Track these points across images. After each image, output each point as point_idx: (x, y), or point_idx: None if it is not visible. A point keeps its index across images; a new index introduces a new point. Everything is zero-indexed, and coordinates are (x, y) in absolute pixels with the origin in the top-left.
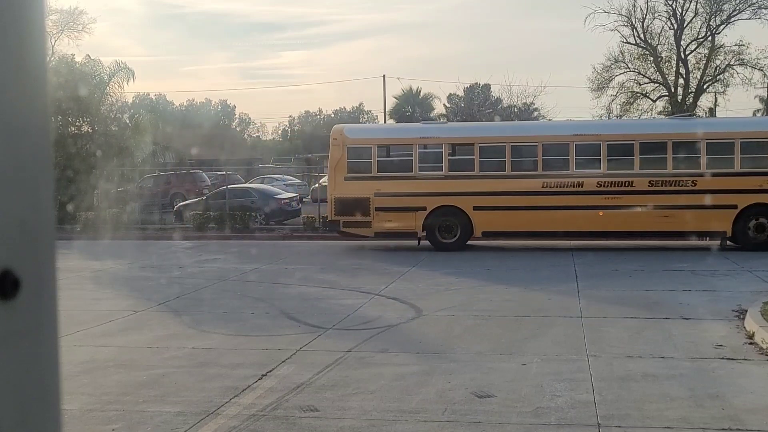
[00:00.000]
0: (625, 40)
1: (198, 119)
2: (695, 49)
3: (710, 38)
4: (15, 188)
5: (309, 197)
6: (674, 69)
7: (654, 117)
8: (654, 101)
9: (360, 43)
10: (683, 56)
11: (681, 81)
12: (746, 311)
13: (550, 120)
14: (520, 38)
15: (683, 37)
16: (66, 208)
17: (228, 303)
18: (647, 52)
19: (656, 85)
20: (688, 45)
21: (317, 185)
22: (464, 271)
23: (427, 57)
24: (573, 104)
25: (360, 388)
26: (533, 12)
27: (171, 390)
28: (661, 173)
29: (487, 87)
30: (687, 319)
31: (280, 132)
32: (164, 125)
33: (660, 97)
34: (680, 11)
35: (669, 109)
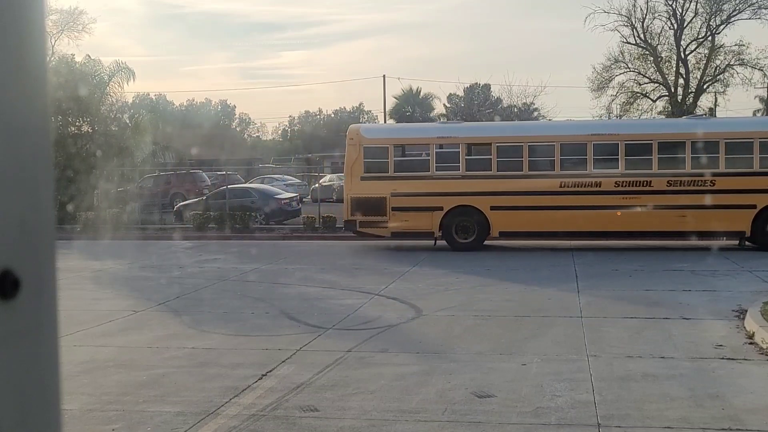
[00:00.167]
0: (625, 40)
1: (198, 119)
2: (695, 49)
3: (710, 38)
4: (15, 188)
5: (309, 197)
6: (674, 69)
7: (651, 117)
8: (654, 101)
9: (360, 43)
10: (683, 56)
11: (681, 81)
12: (746, 311)
13: (565, 119)
14: (520, 38)
15: (683, 37)
16: (66, 208)
17: (228, 303)
18: (647, 52)
19: (656, 85)
20: (688, 45)
21: (317, 185)
22: (464, 271)
23: (427, 57)
24: (573, 104)
25: (360, 388)
26: (533, 12)
27: (171, 390)
28: (680, 173)
29: (487, 87)
30: (687, 319)
31: (280, 132)
32: (164, 125)
33: (660, 97)
34: (680, 11)
35: (669, 109)
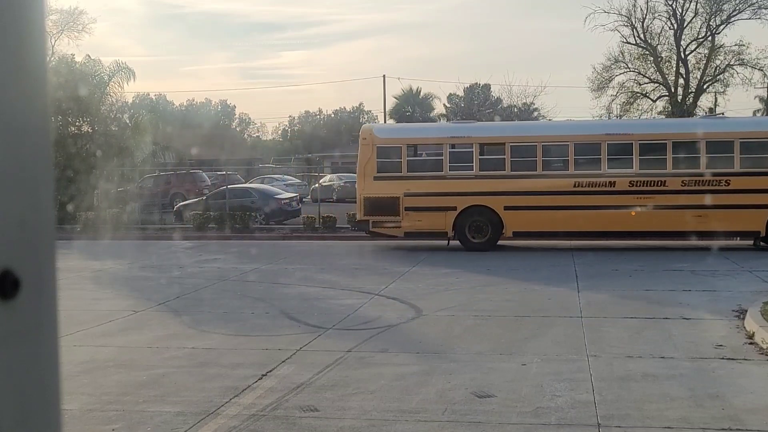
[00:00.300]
0: (625, 40)
1: (198, 119)
2: (695, 49)
3: (710, 38)
4: (15, 188)
5: (309, 197)
6: (674, 69)
7: (651, 117)
8: (654, 101)
9: (360, 43)
10: (683, 56)
11: (681, 81)
12: (746, 311)
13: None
14: (520, 38)
15: (683, 37)
16: (66, 208)
17: (228, 303)
18: (647, 52)
19: (656, 85)
20: (688, 45)
21: (317, 185)
22: (464, 271)
23: (427, 57)
24: (573, 104)
25: (360, 388)
26: (533, 12)
27: (171, 390)
28: (694, 173)
29: (487, 87)
30: (687, 319)
31: (280, 132)
32: (164, 125)
33: (660, 97)
34: (680, 11)
35: (669, 110)
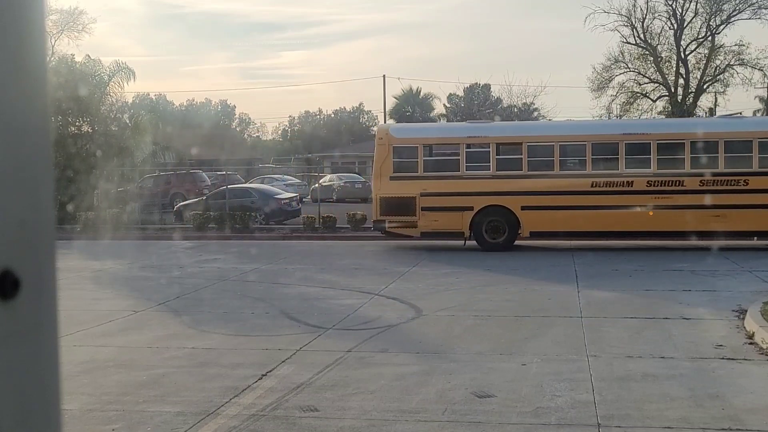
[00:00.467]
0: (625, 40)
1: (198, 119)
2: (695, 49)
3: (710, 38)
4: (15, 188)
5: (309, 197)
6: (674, 69)
7: (652, 117)
8: (654, 101)
9: (360, 43)
10: (683, 56)
11: (681, 81)
12: (746, 311)
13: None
14: (520, 38)
15: (683, 37)
16: (66, 208)
17: (228, 303)
18: (647, 52)
19: (656, 85)
20: (688, 45)
21: (317, 185)
22: (464, 271)
23: (427, 57)
24: (573, 104)
25: (360, 388)
26: (533, 12)
27: (171, 390)
28: (713, 172)
29: (487, 87)
30: (687, 319)
31: (280, 132)
32: (164, 125)
33: (660, 97)
34: (680, 11)
35: (669, 110)
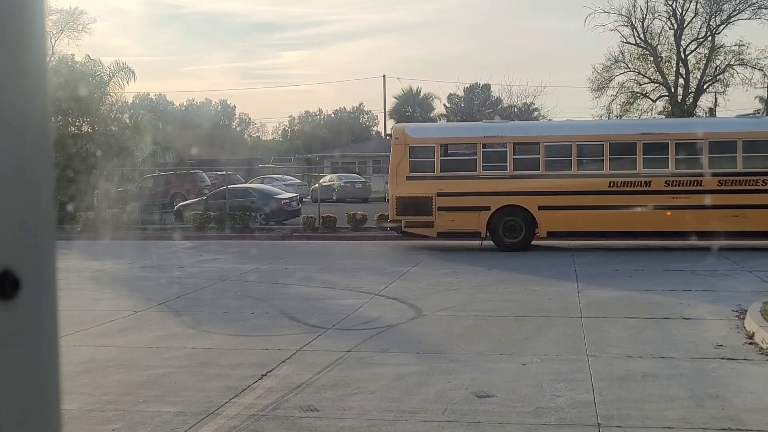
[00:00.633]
0: (625, 40)
1: (198, 119)
2: (695, 49)
3: (710, 38)
4: (15, 188)
5: (309, 197)
6: (674, 69)
7: (652, 117)
8: (654, 101)
9: (360, 43)
10: (683, 56)
11: (681, 81)
12: (746, 311)
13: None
14: (520, 38)
15: (683, 37)
16: (66, 208)
17: (228, 303)
18: (647, 52)
19: (656, 85)
20: (688, 45)
21: (317, 185)
22: (464, 271)
23: (427, 57)
24: (573, 104)
25: (360, 388)
26: (533, 12)
27: (171, 390)
28: (731, 172)
29: (487, 87)
30: (687, 319)
31: (280, 132)
32: (164, 125)
33: (660, 97)
34: (680, 11)
35: (669, 109)
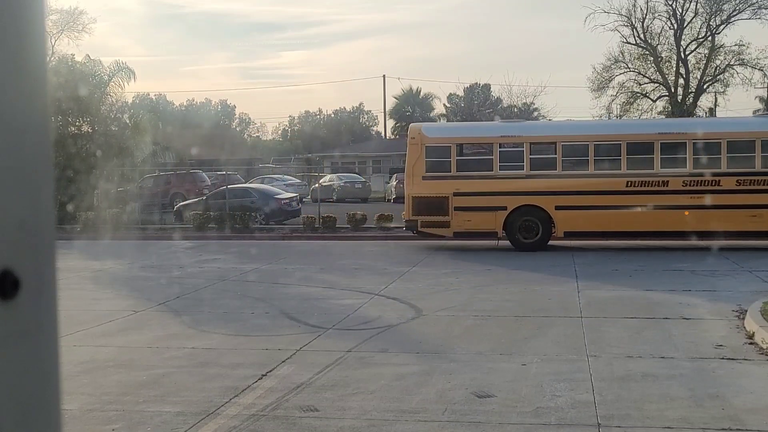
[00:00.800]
0: (625, 40)
1: (198, 119)
2: (695, 49)
3: (710, 38)
4: (15, 188)
5: (309, 197)
6: (674, 69)
7: (652, 117)
8: (654, 101)
9: (360, 43)
10: (683, 56)
11: (681, 81)
12: (746, 311)
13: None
14: (520, 38)
15: (683, 37)
16: (66, 208)
17: (228, 303)
18: (647, 52)
19: (656, 85)
20: (688, 45)
21: (317, 185)
22: (464, 271)
23: (427, 57)
24: (573, 104)
25: (360, 388)
26: (533, 12)
27: (171, 390)
28: (749, 172)
29: (487, 87)
30: (687, 319)
31: (280, 132)
32: (164, 125)
33: (660, 97)
34: (680, 11)
35: (669, 109)
